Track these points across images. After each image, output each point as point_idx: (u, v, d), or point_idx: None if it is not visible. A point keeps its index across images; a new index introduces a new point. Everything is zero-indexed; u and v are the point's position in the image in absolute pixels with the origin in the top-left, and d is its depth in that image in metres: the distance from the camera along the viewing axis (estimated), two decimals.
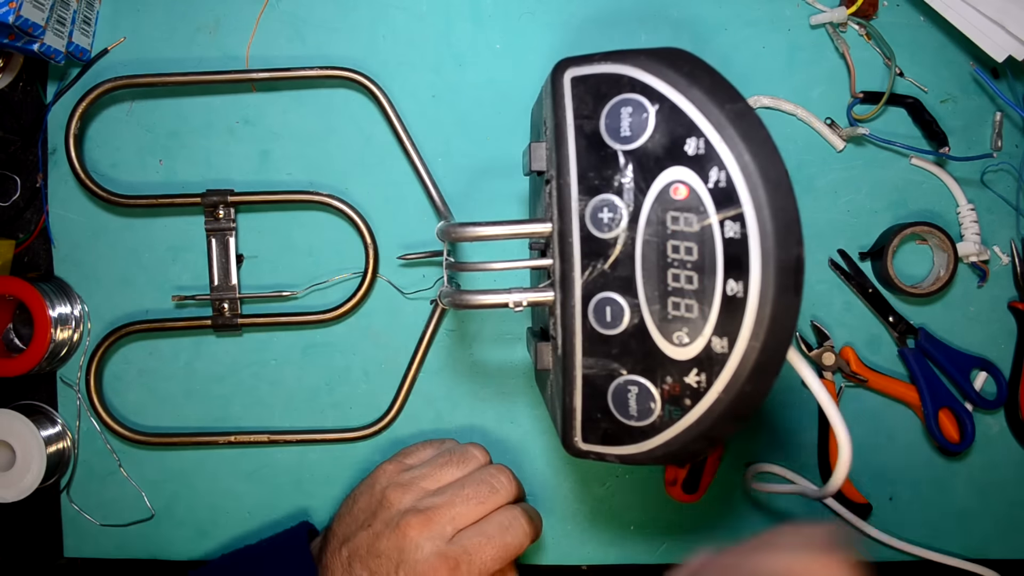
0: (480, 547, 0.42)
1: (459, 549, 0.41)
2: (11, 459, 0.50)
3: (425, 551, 0.41)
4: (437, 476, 0.45)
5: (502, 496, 0.44)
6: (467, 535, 0.42)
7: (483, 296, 0.36)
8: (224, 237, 0.51)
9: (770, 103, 0.50)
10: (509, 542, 0.42)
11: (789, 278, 0.29)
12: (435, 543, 0.41)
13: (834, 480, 0.36)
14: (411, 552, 0.41)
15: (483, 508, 0.43)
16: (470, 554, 0.41)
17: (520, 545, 0.43)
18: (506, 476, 0.45)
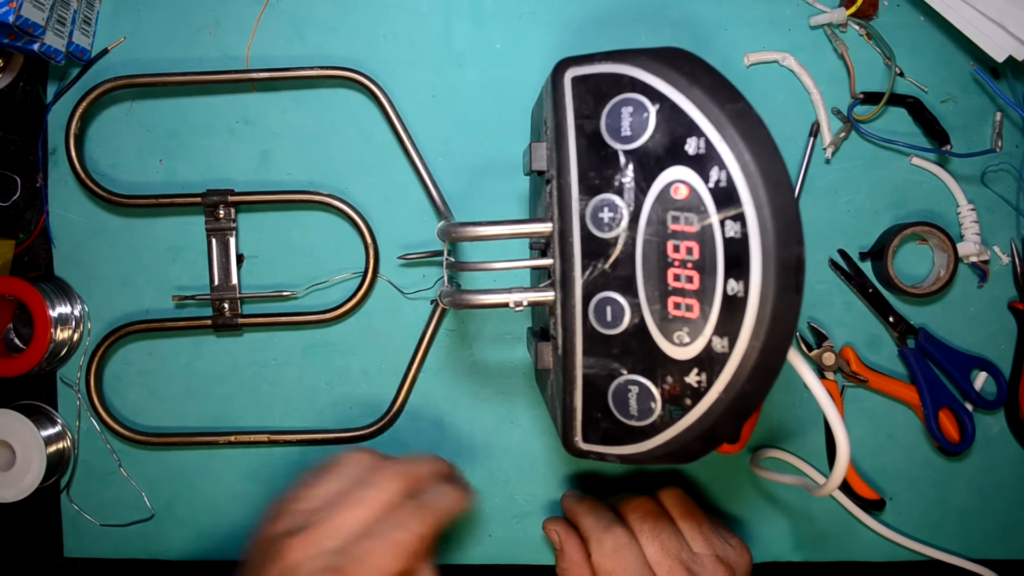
0: (371, 550, 0.38)
1: (345, 558, 0.38)
2: (11, 459, 0.50)
3: (307, 570, 0.37)
4: (314, 494, 0.41)
5: (389, 489, 0.41)
6: (354, 542, 0.39)
7: (483, 296, 0.36)
8: (224, 237, 0.51)
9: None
10: (403, 537, 0.39)
11: (790, 277, 0.29)
12: (320, 560, 0.38)
13: (832, 479, 0.36)
14: (300, 569, 0.37)
15: (367, 509, 0.40)
16: (360, 559, 0.38)
17: (420, 535, 0.40)
18: (392, 469, 0.42)
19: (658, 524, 0.44)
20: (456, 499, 0.43)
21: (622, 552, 0.42)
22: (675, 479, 0.52)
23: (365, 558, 0.38)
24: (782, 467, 0.51)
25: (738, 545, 0.45)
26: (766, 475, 0.49)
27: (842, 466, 0.35)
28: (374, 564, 0.38)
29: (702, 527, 0.45)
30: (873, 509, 0.51)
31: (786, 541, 0.52)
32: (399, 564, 0.38)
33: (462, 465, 0.52)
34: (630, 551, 0.43)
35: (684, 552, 0.43)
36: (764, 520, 0.52)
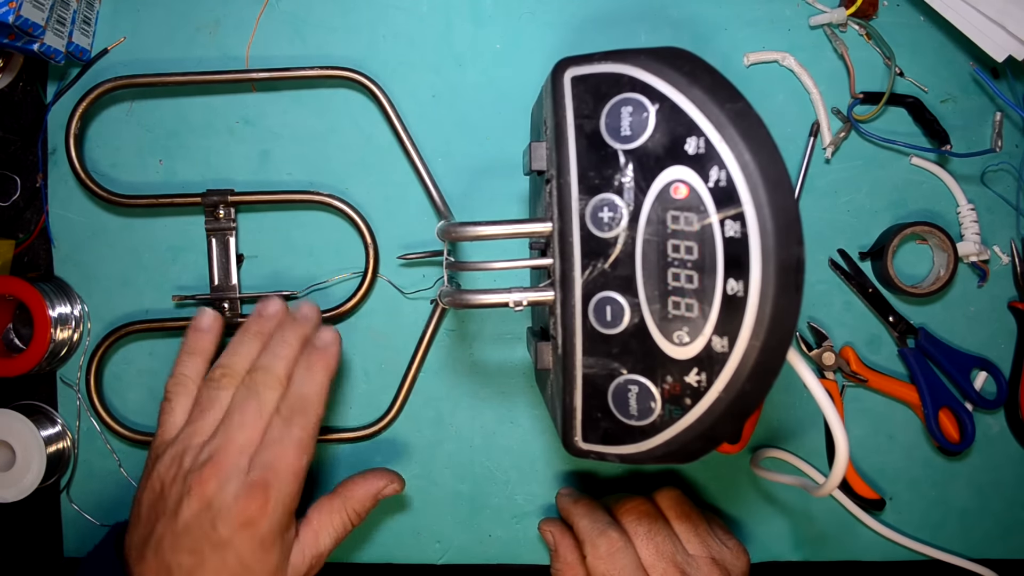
0: (279, 455, 0.40)
1: (260, 472, 0.39)
2: (11, 459, 0.50)
3: (230, 493, 0.39)
4: (200, 428, 0.42)
5: (272, 395, 0.41)
6: (261, 454, 0.40)
7: (483, 296, 0.36)
8: (224, 237, 0.51)
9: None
10: (299, 435, 0.40)
11: (789, 277, 0.29)
12: (236, 480, 0.39)
13: (831, 480, 0.36)
14: (217, 503, 0.39)
15: (262, 420, 0.41)
16: (274, 468, 0.39)
17: (313, 424, 0.41)
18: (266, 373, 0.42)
19: (653, 526, 0.44)
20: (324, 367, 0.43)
21: (617, 555, 0.43)
22: (674, 479, 0.52)
23: (277, 464, 0.39)
24: (782, 467, 0.51)
25: (735, 547, 0.45)
26: (766, 475, 0.49)
27: (841, 466, 0.35)
28: (286, 465, 0.40)
29: (698, 528, 0.45)
30: (873, 509, 0.51)
31: (786, 541, 0.52)
32: (306, 457, 0.41)
33: (462, 465, 0.52)
34: (625, 554, 0.43)
35: (679, 554, 0.43)
36: (764, 520, 0.52)
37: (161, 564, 0.39)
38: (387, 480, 0.46)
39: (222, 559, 0.39)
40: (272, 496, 0.39)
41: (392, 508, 0.52)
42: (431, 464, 0.52)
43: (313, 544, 0.43)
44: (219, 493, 0.39)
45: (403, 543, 0.52)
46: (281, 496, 0.39)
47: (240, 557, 0.39)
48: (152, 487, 0.41)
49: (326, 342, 0.44)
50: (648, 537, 0.43)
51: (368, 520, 0.52)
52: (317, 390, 0.42)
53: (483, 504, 0.52)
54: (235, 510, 0.38)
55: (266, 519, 0.39)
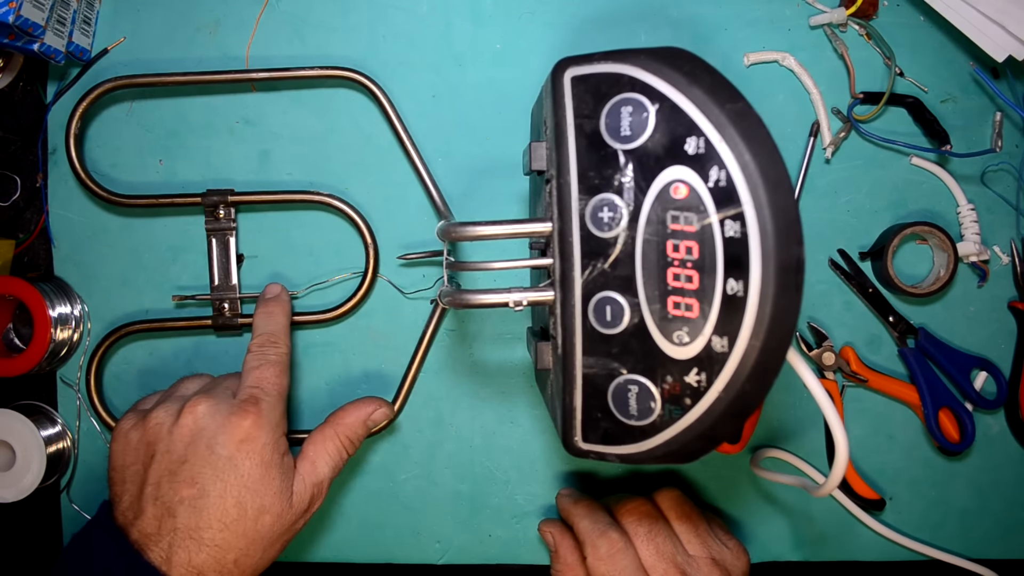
0: (260, 375, 0.42)
1: (247, 389, 0.41)
2: (11, 459, 0.50)
3: (222, 412, 0.40)
4: (183, 385, 0.45)
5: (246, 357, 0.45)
6: (244, 380, 0.43)
7: (483, 296, 0.36)
8: (224, 237, 0.51)
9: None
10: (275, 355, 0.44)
11: (789, 277, 0.29)
12: (225, 402, 0.41)
13: (831, 480, 0.36)
14: (211, 425, 0.40)
15: (241, 377, 0.44)
16: (259, 386, 0.42)
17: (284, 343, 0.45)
18: (264, 343, 0.45)
19: (654, 527, 0.44)
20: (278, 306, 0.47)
21: (617, 556, 0.43)
22: (674, 479, 0.52)
23: (260, 382, 0.42)
24: (782, 467, 0.51)
25: (735, 547, 0.45)
26: (766, 475, 0.49)
27: (841, 466, 0.35)
28: (269, 383, 0.42)
29: (698, 529, 0.45)
30: (873, 509, 0.51)
31: (786, 541, 0.52)
32: (285, 378, 0.44)
33: (462, 465, 0.52)
34: (625, 555, 0.43)
35: (679, 555, 0.43)
36: (764, 520, 0.52)
37: (161, 508, 0.38)
38: (375, 405, 0.47)
39: (224, 482, 0.39)
40: (263, 409, 0.40)
41: (392, 508, 0.52)
42: (431, 464, 0.52)
43: (311, 472, 0.43)
44: (211, 415, 0.40)
45: (403, 543, 0.52)
46: (270, 410, 0.41)
47: (242, 477, 0.39)
48: (129, 443, 0.42)
49: (274, 292, 0.49)
50: (648, 538, 0.43)
51: (368, 520, 0.52)
52: (280, 327, 0.46)
53: (483, 504, 0.52)
54: (229, 426, 0.39)
55: (261, 432, 0.40)
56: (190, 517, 0.38)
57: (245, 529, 0.39)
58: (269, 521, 0.40)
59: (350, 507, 0.52)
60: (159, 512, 0.38)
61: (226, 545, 0.38)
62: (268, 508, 0.40)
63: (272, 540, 0.40)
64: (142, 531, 0.38)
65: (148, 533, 0.38)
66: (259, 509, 0.39)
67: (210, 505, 0.38)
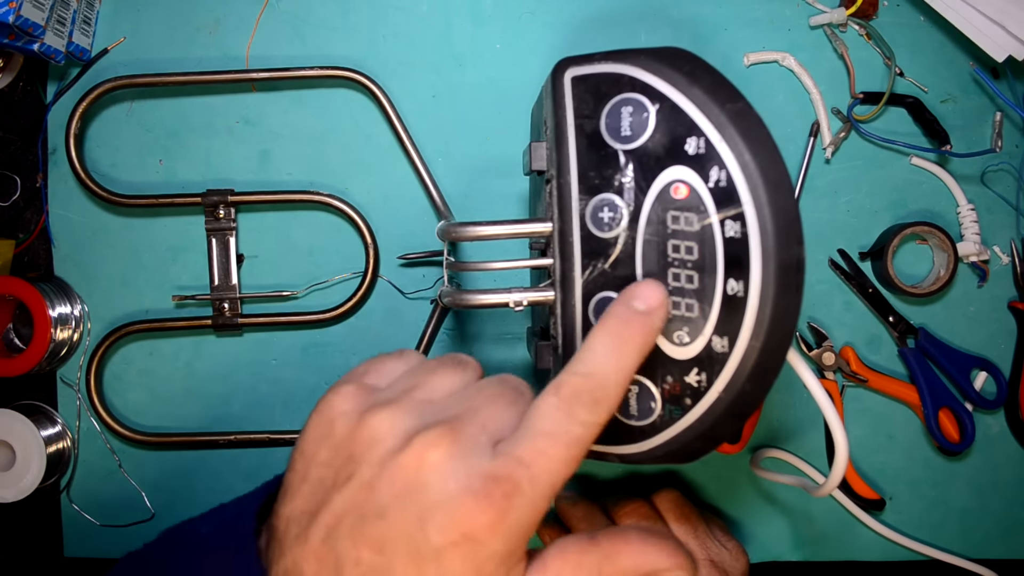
0: (540, 449, 0.26)
1: (511, 462, 0.26)
2: (11, 459, 0.50)
3: (461, 478, 0.25)
4: (431, 384, 0.29)
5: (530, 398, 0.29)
6: (514, 443, 0.26)
7: (483, 296, 0.36)
8: (224, 237, 0.51)
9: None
10: (580, 426, 0.27)
11: (790, 277, 0.29)
12: (471, 462, 0.26)
13: (831, 480, 0.36)
14: (438, 485, 0.26)
15: (517, 411, 0.28)
16: (528, 466, 0.26)
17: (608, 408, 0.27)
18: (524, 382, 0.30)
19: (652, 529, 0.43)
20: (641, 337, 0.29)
21: None
22: (674, 479, 0.52)
23: (534, 464, 0.26)
24: (782, 467, 0.51)
25: (734, 548, 0.45)
26: (766, 475, 0.49)
27: (841, 466, 0.35)
28: (546, 467, 0.26)
29: (697, 531, 0.45)
30: (873, 509, 0.51)
31: (786, 541, 0.52)
32: (575, 466, 0.27)
33: None
34: None
35: None
36: (764, 520, 0.52)
37: (330, 553, 0.26)
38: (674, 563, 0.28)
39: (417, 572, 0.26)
40: (516, 506, 0.25)
41: None
42: None
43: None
44: (444, 472, 0.26)
45: None
46: (527, 509, 0.26)
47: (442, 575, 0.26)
48: (336, 434, 0.28)
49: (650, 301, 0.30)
50: None
51: None
52: (625, 370, 0.28)
53: None
54: (459, 508, 0.25)
55: (497, 539, 0.26)
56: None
57: None
58: None
59: None
60: (326, 556, 0.26)
61: None
62: None
63: None
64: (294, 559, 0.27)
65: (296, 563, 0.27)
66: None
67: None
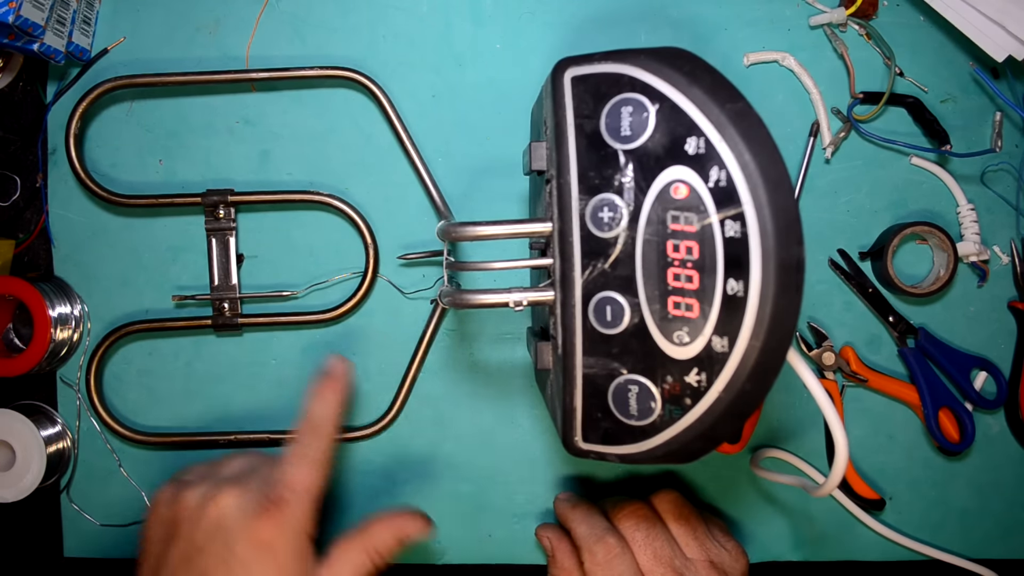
0: (292, 474, 0.41)
1: (276, 486, 0.40)
2: (11, 459, 0.50)
3: (248, 507, 0.39)
4: (223, 467, 0.44)
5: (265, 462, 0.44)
6: (277, 475, 0.41)
7: (483, 296, 0.36)
8: (224, 237, 0.51)
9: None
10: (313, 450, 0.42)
11: (790, 277, 0.29)
12: (250, 502, 0.39)
13: (830, 480, 0.36)
14: (233, 517, 0.38)
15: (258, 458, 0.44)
16: (288, 485, 0.40)
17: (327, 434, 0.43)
18: None
19: (651, 531, 0.44)
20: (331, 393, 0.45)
21: (614, 561, 0.42)
22: (674, 479, 0.52)
23: (290, 481, 0.40)
24: (782, 467, 0.51)
25: (734, 549, 0.45)
26: (765, 475, 0.49)
27: (840, 467, 0.35)
28: (299, 483, 0.40)
29: (696, 532, 0.45)
30: (873, 509, 0.51)
31: (786, 541, 0.52)
32: (319, 476, 0.42)
33: (462, 465, 0.52)
34: (622, 560, 0.42)
35: (677, 559, 0.43)
36: (764, 520, 0.52)
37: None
38: (411, 522, 0.44)
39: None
40: (286, 514, 0.39)
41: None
42: (431, 464, 0.52)
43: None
44: (236, 509, 0.39)
45: None
46: (295, 514, 0.39)
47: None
48: (159, 517, 0.42)
49: (335, 370, 0.46)
50: (646, 542, 0.43)
51: None
52: (329, 415, 0.44)
53: (483, 504, 0.52)
54: (250, 528, 0.38)
55: (282, 539, 0.39)
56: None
57: None
58: None
59: (351, 507, 0.52)
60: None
61: None
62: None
63: None
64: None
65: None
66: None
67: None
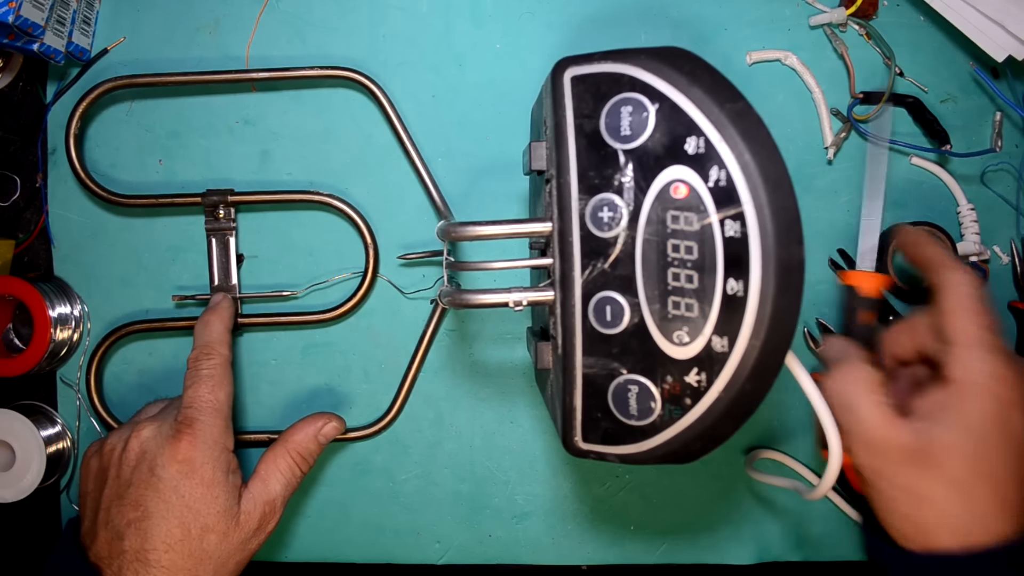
0: (194, 395, 0.42)
1: (183, 412, 0.42)
2: (11, 459, 0.50)
3: (162, 435, 0.41)
4: (140, 412, 0.47)
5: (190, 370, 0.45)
6: (182, 400, 0.43)
7: (483, 296, 0.36)
8: (224, 237, 0.51)
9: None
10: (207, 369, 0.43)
11: (790, 277, 0.29)
12: (165, 427, 0.42)
13: (823, 483, 0.36)
14: (152, 448, 0.41)
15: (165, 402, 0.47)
16: (193, 406, 0.42)
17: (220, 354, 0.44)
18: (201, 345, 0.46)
19: None
20: (214, 314, 0.47)
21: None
22: (674, 479, 0.52)
23: (193, 403, 0.42)
24: (779, 468, 0.51)
25: None
26: (759, 477, 0.49)
27: (834, 470, 0.35)
28: (204, 403, 0.42)
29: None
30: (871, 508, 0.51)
31: (786, 541, 0.52)
32: (222, 391, 0.43)
33: (462, 465, 0.52)
34: None
35: None
36: (764, 520, 0.52)
37: (111, 532, 0.40)
38: (325, 419, 0.47)
39: (167, 504, 0.40)
40: (198, 429, 0.41)
41: (392, 508, 0.52)
42: (431, 464, 0.52)
43: (262, 490, 0.43)
44: (153, 437, 0.41)
45: (403, 543, 0.52)
46: (206, 428, 0.41)
47: (183, 498, 0.40)
48: (89, 468, 0.44)
49: (215, 301, 0.49)
50: None
51: (369, 520, 0.52)
52: (216, 336, 0.46)
53: (483, 504, 0.52)
54: (168, 448, 0.40)
55: (197, 452, 0.41)
56: (136, 539, 0.39)
57: (191, 549, 0.40)
58: (215, 540, 0.41)
59: (350, 507, 0.52)
60: (109, 535, 0.40)
61: (173, 566, 0.39)
62: (212, 527, 0.40)
63: (223, 559, 0.41)
64: (97, 554, 0.40)
65: (101, 556, 0.40)
66: (203, 528, 0.40)
67: (153, 527, 0.39)
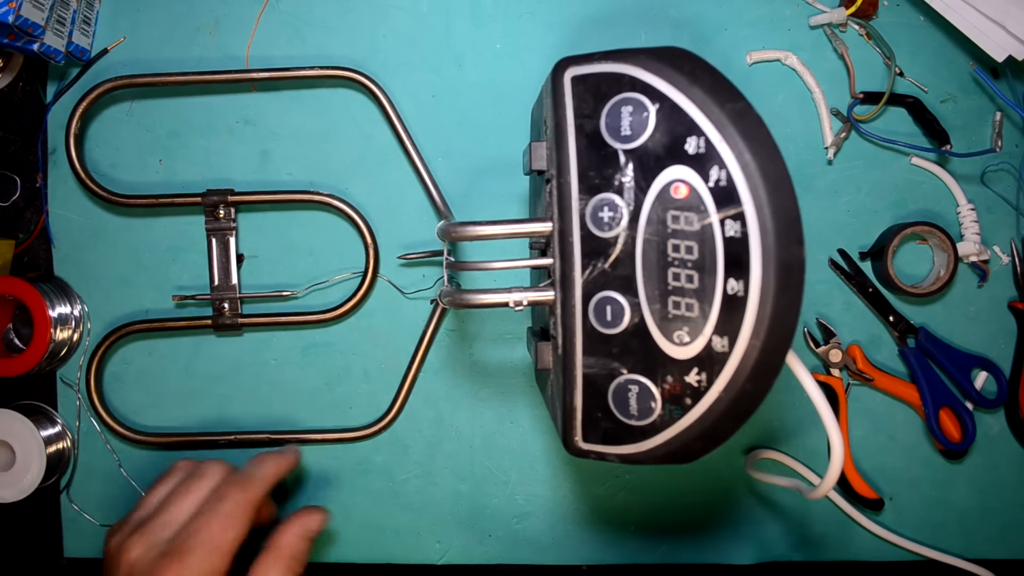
0: (200, 526, 0.41)
1: (178, 540, 0.40)
2: (11, 459, 0.50)
3: (151, 558, 0.40)
4: (148, 502, 0.44)
5: (214, 475, 0.44)
6: (185, 525, 0.41)
7: (483, 295, 0.36)
8: (224, 237, 0.51)
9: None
10: (229, 507, 0.42)
11: (790, 277, 0.29)
12: (155, 549, 0.40)
13: (825, 483, 0.35)
14: (138, 570, 0.40)
15: (196, 496, 0.43)
16: (192, 537, 0.40)
17: (246, 501, 0.42)
18: (215, 463, 0.45)
19: None
20: (276, 461, 0.46)
21: None
22: (674, 479, 0.52)
23: (197, 534, 0.41)
24: (780, 468, 0.51)
25: None
26: (761, 477, 0.49)
27: (835, 470, 0.35)
28: (207, 537, 0.40)
29: None
30: (872, 509, 0.51)
31: (786, 541, 0.52)
32: (231, 532, 0.41)
33: (462, 465, 0.52)
34: None
35: None
36: (764, 520, 0.52)
37: None
38: (307, 516, 0.46)
39: None
40: (187, 564, 0.39)
41: (392, 508, 0.52)
42: (431, 464, 0.52)
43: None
44: (141, 559, 0.40)
45: (403, 543, 0.52)
46: (196, 565, 0.40)
47: None
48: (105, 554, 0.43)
49: (291, 449, 0.49)
50: None
51: (369, 520, 0.52)
52: (265, 475, 0.45)
53: (483, 504, 0.52)
54: (157, 571, 0.39)
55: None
56: None
57: None
58: None
59: (350, 507, 0.52)
60: None
61: None
62: None
63: None
64: None
65: None
66: None
67: None
